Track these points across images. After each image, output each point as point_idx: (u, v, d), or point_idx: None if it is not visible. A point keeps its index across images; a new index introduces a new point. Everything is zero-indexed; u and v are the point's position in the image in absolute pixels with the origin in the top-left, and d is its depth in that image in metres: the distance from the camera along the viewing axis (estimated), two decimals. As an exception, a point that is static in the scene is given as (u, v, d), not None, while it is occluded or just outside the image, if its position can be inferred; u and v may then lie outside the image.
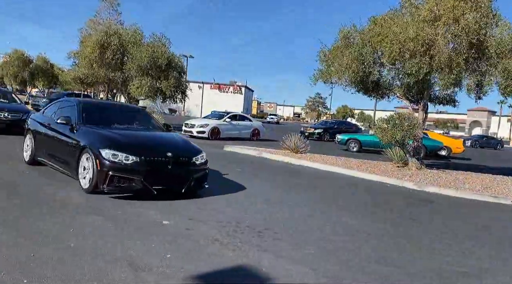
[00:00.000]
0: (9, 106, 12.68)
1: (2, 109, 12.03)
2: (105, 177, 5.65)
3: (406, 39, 9.82)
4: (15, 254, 3.60)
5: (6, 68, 39.05)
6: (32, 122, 8.06)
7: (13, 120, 11.96)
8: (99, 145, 5.87)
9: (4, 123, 11.91)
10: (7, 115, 11.97)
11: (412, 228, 6.18)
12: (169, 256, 3.94)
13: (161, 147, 6.32)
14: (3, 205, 5.14)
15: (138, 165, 5.75)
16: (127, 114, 7.96)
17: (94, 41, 21.20)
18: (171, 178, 6.13)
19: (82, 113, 6.81)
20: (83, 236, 4.22)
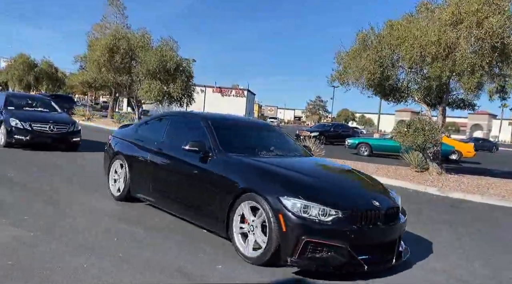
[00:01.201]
0: (54, 116, 11.03)
1: (47, 120, 10.42)
2: (295, 244, 3.54)
3: (427, 43, 9.72)
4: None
5: (11, 72, 39.05)
6: (120, 142, 6.02)
7: (59, 133, 10.47)
8: (277, 189, 3.77)
9: (50, 137, 10.36)
10: (53, 127, 10.33)
11: (455, 235, 6.03)
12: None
13: (359, 191, 4.32)
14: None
15: (340, 224, 3.64)
16: (262, 134, 5.75)
17: (103, 45, 21.14)
18: (380, 242, 3.90)
19: (217, 135, 4.72)
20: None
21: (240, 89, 78.15)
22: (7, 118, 10.18)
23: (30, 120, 10.12)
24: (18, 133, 9.94)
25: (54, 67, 42.65)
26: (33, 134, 10.03)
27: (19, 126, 9.96)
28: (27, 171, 7.62)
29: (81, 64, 25.97)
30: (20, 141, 10.00)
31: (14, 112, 10.46)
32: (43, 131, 10.18)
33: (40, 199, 5.61)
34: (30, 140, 10.05)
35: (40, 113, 11.04)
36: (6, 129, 10.00)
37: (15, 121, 10.00)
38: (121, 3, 26.70)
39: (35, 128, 10.07)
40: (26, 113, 10.62)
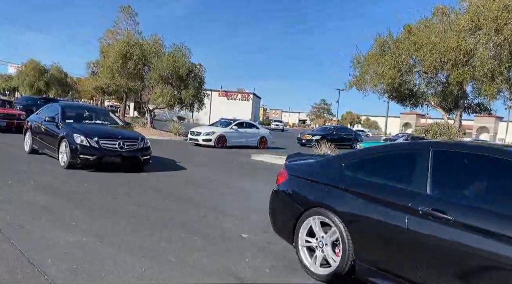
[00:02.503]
0: (121, 131, 9.53)
1: (116, 136, 8.87)
2: None
3: (447, 49, 9.85)
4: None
5: (22, 77, 39.55)
6: (319, 189, 3.85)
7: (130, 151, 8.78)
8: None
9: (119, 156, 8.67)
10: (122, 144, 8.68)
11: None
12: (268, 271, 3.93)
13: None
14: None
15: None
16: None
17: (117, 51, 21.41)
18: None
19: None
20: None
21: (246, 93, 78.34)
22: (69, 134, 8.59)
23: (98, 135, 8.58)
24: (84, 152, 8.36)
25: (64, 72, 43.19)
26: (101, 152, 8.47)
27: (85, 144, 8.39)
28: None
29: (93, 70, 26.30)
30: (86, 161, 8.42)
31: (76, 127, 8.96)
32: (112, 149, 8.58)
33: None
34: (98, 160, 8.47)
35: (104, 127, 9.59)
36: (70, 148, 8.38)
37: (80, 137, 8.44)
38: (132, 10, 26.99)
39: (103, 145, 8.50)
40: (91, 128, 9.13)
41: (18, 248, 3.83)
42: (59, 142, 8.77)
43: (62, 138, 8.71)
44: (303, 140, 25.62)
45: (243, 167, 12.17)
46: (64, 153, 8.61)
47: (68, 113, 9.76)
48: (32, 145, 10.16)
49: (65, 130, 8.84)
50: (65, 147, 8.56)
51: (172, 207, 6.17)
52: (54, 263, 3.57)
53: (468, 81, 9.66)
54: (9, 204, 5.43)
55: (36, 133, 10.01)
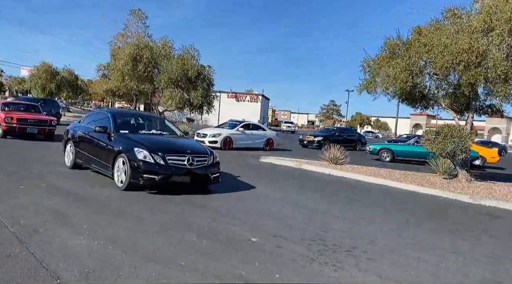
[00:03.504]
0: (189, 144, 8.00)
1: (184, 150, 7.40)
2: None
3: (459, 50, 9.73)
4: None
5: (34, 80, 40.21)
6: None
7: (200, 168, 7.31)
8: None
9: (188, 175, 7.13)
10: (192, 160, 7.19)
11: (500, 248, 6.03)
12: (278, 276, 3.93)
13: None
14: None
15: None
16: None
17: (127, 54, 21.62)
18: None
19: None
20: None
21: (254, 94, 78.41)
22: (128, 148, 7.16)
23: (163, 150, 7.15)
24: (149, 170, 6.85)
25: (75, 74, 43.79)
26: (169, 170, 6.98)
27: (149, 160, 6.91)
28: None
29: (103, 73, 26.61)
30: (150, 181, 6.93)
31: (135, 139, 7.54)
32: (181, 166, 7.09)
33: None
34: (164, 180, 6.96)
35: (167, 139, 8.24)
36: (131, 165, 6.91)
37: (143, 152, 6.99)
38: (142, 13, 27.25)
39: (170, 162, 7.02)
40: (152, 140, 7.74)
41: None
42: (114, 158, 7.36)
43: (119, 153, 7.30)
44: (305, 141, 25.14)
45: (251, 169, 12.16)
46: (122, 171, 7.15)
47: (121, 122, 8.35)
48: (75, 159, 8.77)
49: (121, 143, 7.45)
50: (124, 164, 7.11)
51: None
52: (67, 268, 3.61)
53: (481, 83, 9.52)
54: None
55: (81, 146, 8.60)
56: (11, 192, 6.47)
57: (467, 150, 11.27)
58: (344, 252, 4.88)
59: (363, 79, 11.87)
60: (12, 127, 14.11)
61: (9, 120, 14.11)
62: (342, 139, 24.18)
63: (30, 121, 14.61)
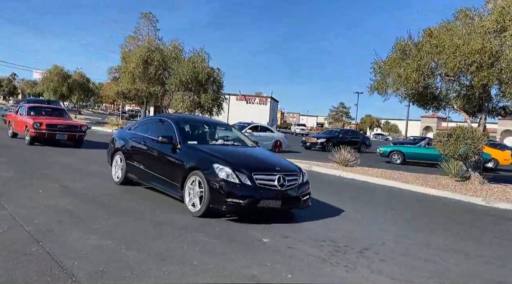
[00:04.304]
0: (275, 160, 6.69)
1: (272, 167, 6.11)
2: None
3: (471, 51, 9.64)
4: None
5: (46, 83, 40.88)
6: None
7: (292, 189, 5.95)
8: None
9: (279, 199, 5.76)
10: (283, 180, 5.83)
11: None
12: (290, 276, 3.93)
13: None
14: None
15: None
16: None
17: (138, 57, 21.86)
18: None
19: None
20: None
21: (263, 97, 78.46)
22: (205, 164, 5.83)
23: (249, 167, 5.84)
24: (233, 194, 5.49)
25: (86, 77, 44.43)
26: (257, 193, 5.61)
27: (233, 180, 5.56)
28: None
29: (114, 75, 26.94)
30: (234, 207, 5.56)
31: (209, 152, 6.16)
32: (271, 187, 5.74)
33: None
34: (252, 205, 5.62)
35: (250, 152, 6.82)
36: (210, 186, 5.56)
37: (225, 169, 5.63)
38: (153, 16, 27.54)
39: (258, 182, 5.67)
40: (232, 153, 6.41)
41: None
42: (185, 176, 5.96)
43: (191, 169, 5.94)
44: (308, 143, 24.92)
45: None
46: (197, 193, 5.79)
47: (186, 130, 7.05)
48: (126, 174, 7.45)
49: (193, 156, 6.12)
50: (199, 185, 5.75)
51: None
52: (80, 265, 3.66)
53: (493, 84, 9.42)
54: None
55: (135, 158, 7.28)
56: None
57: (480, 152, 11.14)
58: (356, 253, 4.87)
59: (374, 80, 11.83)
60: (41, 133, 13.03)
61: (38, 126, 13.01)
62: (346, 141, 23.75)
63: (59, 127, 13.54)
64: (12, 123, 15.02)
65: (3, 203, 5.73)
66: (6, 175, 7.90)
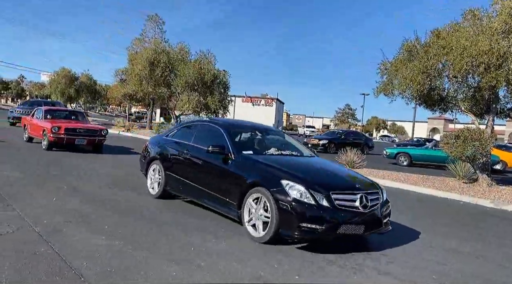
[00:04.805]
0: (353, 175, 5.80)
1: (351, 184, 5.20)
2: None
3: (479, 52, 9.58)
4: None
5: (54, 85, 41.27)
6: None
7: (375, 210, 5.01)
8: None
9: (362, 223, 4.81)
10: (365, 200, 4.91)
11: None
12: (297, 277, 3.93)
13: None
14: None
15: None
16: None
17: (145, 59, 22.00)
18: None
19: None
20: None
21: (269, 98, 78.49)
22: (270, 179, 4.92)
23: (326, 184, 4.92)
24: (309, 217, 4.55)
25: (93, 79, 44.81)
26: (337, 217, 4.64)
27: (308, 201, 4.62)
28: None
29: (121, 77, 27.11)
30: (309, 234, 4.62)
31: (271, 164, 5.24)
32: (353, 210, 4.78)
33: None
34: (331, 232, 4.67)
35: (317, 165, 5.89)
36: (279, 207, 4.62)
37: (297, 187, 4.70)
38: (159, 18, 27.71)
39: (338, 203, 4.72)
40: (299, 166, 5.51)
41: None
42: (244, 193, 5.05)
43: (252, 186, 5.00)
44: (309, 144, 24.75)
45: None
46: (260, 215, 4.84)
47: (238, 138, 6.22)
48: (165, 187, 6.60)
49: (251, 169, 5.22)
50: (264, 204, 4.82)
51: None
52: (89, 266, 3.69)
53: (502, 85, 9.34)
54: None
55: (176, 169, 6.42)
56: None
57: (488, 154, 11.05)
58: (363, 255, 4.85)
59: (380, 82, 11.80)
60: (59, 138, 12.26)
61: (56, 130, 12.21)
62: (348, 142, 23.43)
63: (79, 131, 12.73)
64: (28, 126, 14.28)
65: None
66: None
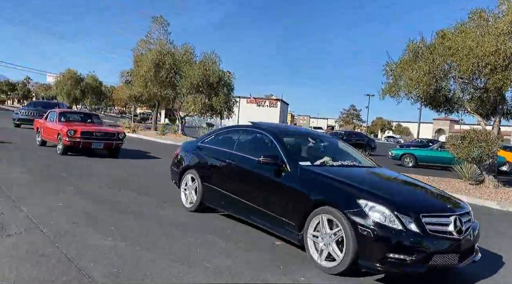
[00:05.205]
0: (442, 194, 4.83)
1: (442, 204, 4.36)
2: None
3: (485, 53, 9.53)
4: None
5: (60, 86, 41.59)
6: None
7: (469, 235, 4.14)
8: None
9: (456, 250, 3.94)
10: (459, 222, 4.04)
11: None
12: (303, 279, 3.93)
13: None
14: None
15: None
16: None
17: (150, 60, 22.08)
18: None
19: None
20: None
21: (273, 99, 78.48)
22: (343, 197, 4.12)
23: (413, 206, 4.08)
24: (396, 245, 3.72)
25: (99, 81, 45.11)
26: (430, 246, 3.78)
27: (394, 225, 3.79)
28: None
29: (126, 79, 27.29)
30: (397, 265, 3.75)
31: (342, 179, 4.40)
32: (446, 236, 3.92)
33: None
34: (421, 265, 3.78)
35: (386, 176, 5.16)
36: (357, 232, 3.84)
37: (379, 209, 3.88)
38: (164, 20, 27.83)
39: (430, 228, 3.86)
40: (376, 182, 4.83)
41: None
42: (306, 212, 4.28)
43: (318, 204, 4.21)
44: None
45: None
46: (332, 242, 4.04)
47: (291, 146, 5.34)
48: (203, 200, 5.94)
49: (315, 184, 4.44)
50: (335, 228, 4.03)
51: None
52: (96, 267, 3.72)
53: (508, 87, 9.28)
54: None
55: (216, 180, 5.72)
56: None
57: (494, 155, 10.98)
58: None
59: (385, 83, 11.78)
60: (76, 142, 11.57)
61: (72, 133, 11.53)
62: (351, 143, 23.37)
63: (95, 134, 12.03)
64: (41, 130, 13.62)
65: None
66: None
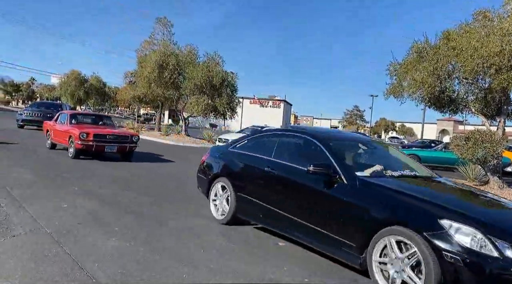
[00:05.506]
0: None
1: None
2: None
3: (489, 54, 9.49)
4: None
5: (64, 87, 41.84)
6: None
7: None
8: None
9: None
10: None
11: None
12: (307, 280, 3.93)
13: None
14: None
15: None
16: None
17: (154, 61, 22.16)
18: None
19: None
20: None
21: (277, 100, 78.49)
22: (420, 217, 3.41)
23: (506, 227, 3.36)
24: (490, 276, 2.97)
25: (102, 82, 45.34)
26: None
27: (487, 251, 3.06)
28: None
29: (130, 79, 27.40)
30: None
31: (415, 194, 3.80)
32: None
33: None
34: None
35: (459, 190, 4.53)
36: (441, 259, 3.13)
37: (469, 231, 3.16)
38: (168, 21, 27.93)
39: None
40: (453, 199, 4.21)
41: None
42: (370, 233, 3.66)
43: (386, 223, 3.58)
44: None
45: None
46: (406, 268, 3.36)
47: (342, 154, 4.68)
48: (237, 212, 5.33)
49: (379, 199, 3.80)
50: (409, 252, 3.36)
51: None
52: (101, 267, 3.73)
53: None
54: None
55: (253, 191, 5.12)
56: None
57: (499, 156, 10.92)
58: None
59: (389, 84, 11.75)
60: (88, 145, 11.08)
61: (84, 136, 11.05)
62: None
63: (109, 137, 11.55)
64: (51, 132, 13.18)
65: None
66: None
